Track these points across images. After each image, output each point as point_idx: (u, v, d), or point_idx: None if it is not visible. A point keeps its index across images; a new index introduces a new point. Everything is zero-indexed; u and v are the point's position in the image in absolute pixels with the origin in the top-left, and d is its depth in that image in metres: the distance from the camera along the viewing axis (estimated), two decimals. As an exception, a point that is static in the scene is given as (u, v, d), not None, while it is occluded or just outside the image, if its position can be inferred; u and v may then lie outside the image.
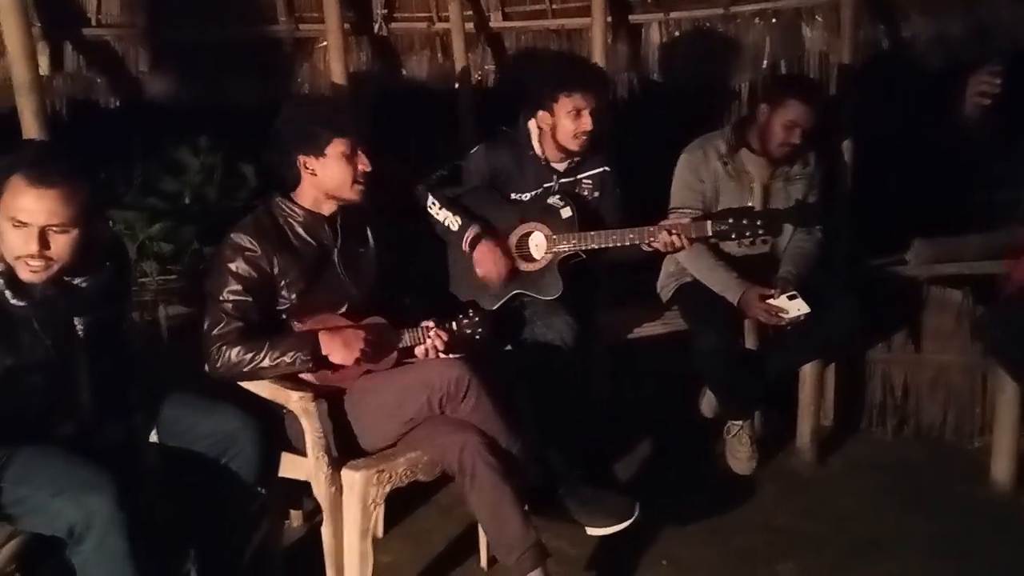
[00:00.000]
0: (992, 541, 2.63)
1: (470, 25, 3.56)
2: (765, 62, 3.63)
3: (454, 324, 2.41)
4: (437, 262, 2.92)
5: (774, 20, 3.61)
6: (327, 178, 2.34)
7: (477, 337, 2.41)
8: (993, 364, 2.98)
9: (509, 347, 2.69)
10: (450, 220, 2.79)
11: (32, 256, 1.89)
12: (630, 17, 3.68)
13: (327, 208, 2.39)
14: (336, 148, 2.32)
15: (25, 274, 1.92)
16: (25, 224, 1.87)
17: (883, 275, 3.31)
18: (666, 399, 3.40)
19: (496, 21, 3.66)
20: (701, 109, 3.79)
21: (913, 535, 2.68)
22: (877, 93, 3.48)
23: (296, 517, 2.78)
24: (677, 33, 3.69)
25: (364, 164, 2.34)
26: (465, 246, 2.76)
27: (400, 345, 2.38)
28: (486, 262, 2.74)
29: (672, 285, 3.11)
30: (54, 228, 1.89)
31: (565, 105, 2.75)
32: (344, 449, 2.28)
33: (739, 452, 3.05)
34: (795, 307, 2.81)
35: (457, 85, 3.47)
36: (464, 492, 2.22)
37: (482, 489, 2.18)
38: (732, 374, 2.91)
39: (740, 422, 3.04)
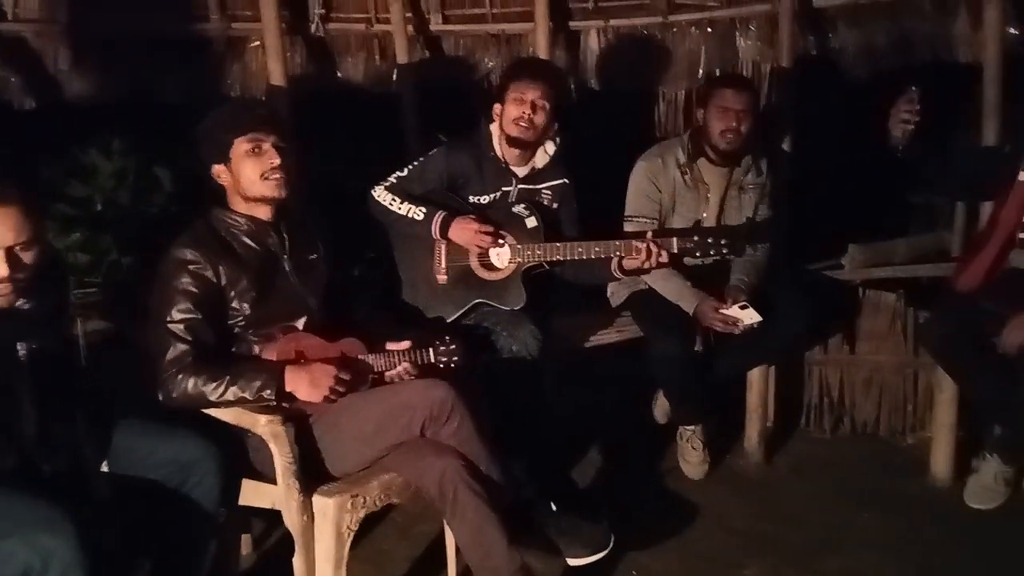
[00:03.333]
0: (940, 535, 2.73)
1: (409, 28, 3.48)
2: (701, 70, 3.68)
3: (430, 352, 2.32)
4: (389, 270, 2.85)
5: (709, 29, 3.66)
6: (240, 181, 2.25)
7: (453, 366, 2.33)
8: (928, 364, 3.12)
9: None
10: (414, 211, 2.74)
11: (2, 281, 1.72)
12: (570, 23, 3.67)
13: (262, 212, 2.28)
14: (238, 149, 2.23)
15: None
16: None
17: (820, 280, 3.40)
18: (618, 406, 3.41)
19: (436, 24, 3.59)
20: (639, 116, 3.81)
21: (866, 532, 2.76)
22: (809, 102, 3.57)
23: (245, 543, 2.64)
24: (616, 40, 3.70)
25: (272, 157, 2.23)
26: (435, 232, 2.71)
27: (374, 371, 2.29)
28: (469, 233, 2.71)
29: (624, 292, 3.10)
30: (19, 247, 1.72)
31: (512, 92, 2.77)
32: (310, 474, 2.17)
33: (691, 457, 3.09)
34: (748, 316, 2.85)
35: (399, 88, 3.38)
36: (445, 518, 2.16)
37: (465, 514, 2.11)
38: (687, 379, 2.93)
39: (692, 427, 3.08)
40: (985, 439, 2.92)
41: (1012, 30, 3.23)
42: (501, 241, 2.77)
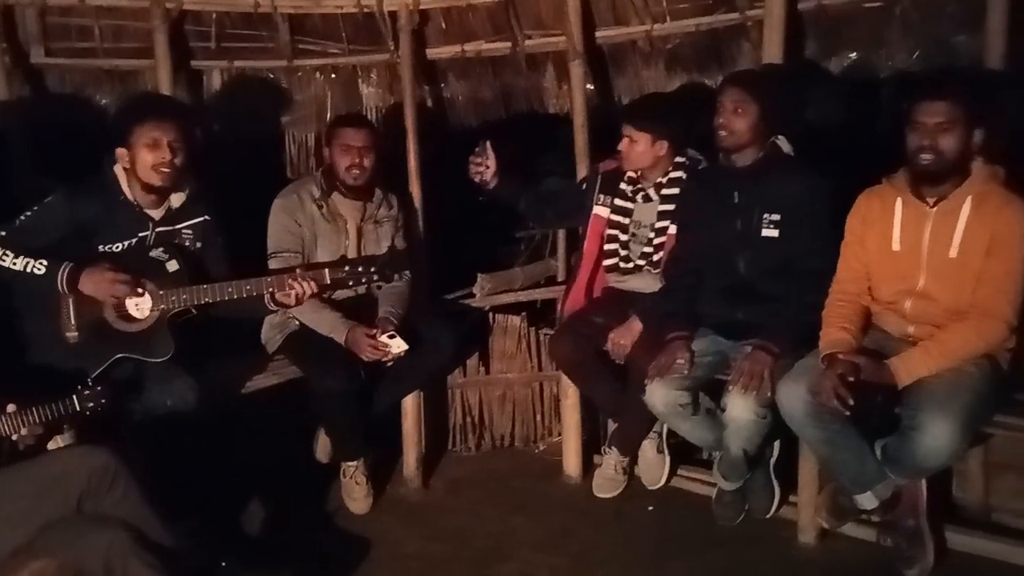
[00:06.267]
0: (583, 526, 3.07)
1: (6, 59, 3.11)
2: (329, 113, 3.79)
3: (74, 400, 2.09)
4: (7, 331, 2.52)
5: (334, 75, 3.79)
6: None
7: (101, 409, 2.13)
8: (551, 376, 3.53)
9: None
10: (32, 265, 2.48)
11: None
12: (192, 62, 3.55)
13: None
14: None
15: None
16: None
17: (456, 308, 3.66)
18: (278, 451, 3.32)
19: (38, 57, 3.25)
20: (269, 157, 3.79)
21: (524, 535, 3.00)
22: (430, 146, 3.83)
23: None
24: (241, 82, 3.65)
25: None
26: (62, 286, 2.47)
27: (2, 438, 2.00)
28: (103, 286, 2.51)
29: (278, 338, 3.08)
30: None
31: (140, 136, 2.63)
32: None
33: (356, 492, 3.13)
34: (396, 345, 2.98)
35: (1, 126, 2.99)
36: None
37: None
38: (349, 415, 2.98)
39: (354, 462, 3.12)
40: (605, 436, 3.37)
41: (590, 86, 3.80)
42: (140, 289, 2.59)
